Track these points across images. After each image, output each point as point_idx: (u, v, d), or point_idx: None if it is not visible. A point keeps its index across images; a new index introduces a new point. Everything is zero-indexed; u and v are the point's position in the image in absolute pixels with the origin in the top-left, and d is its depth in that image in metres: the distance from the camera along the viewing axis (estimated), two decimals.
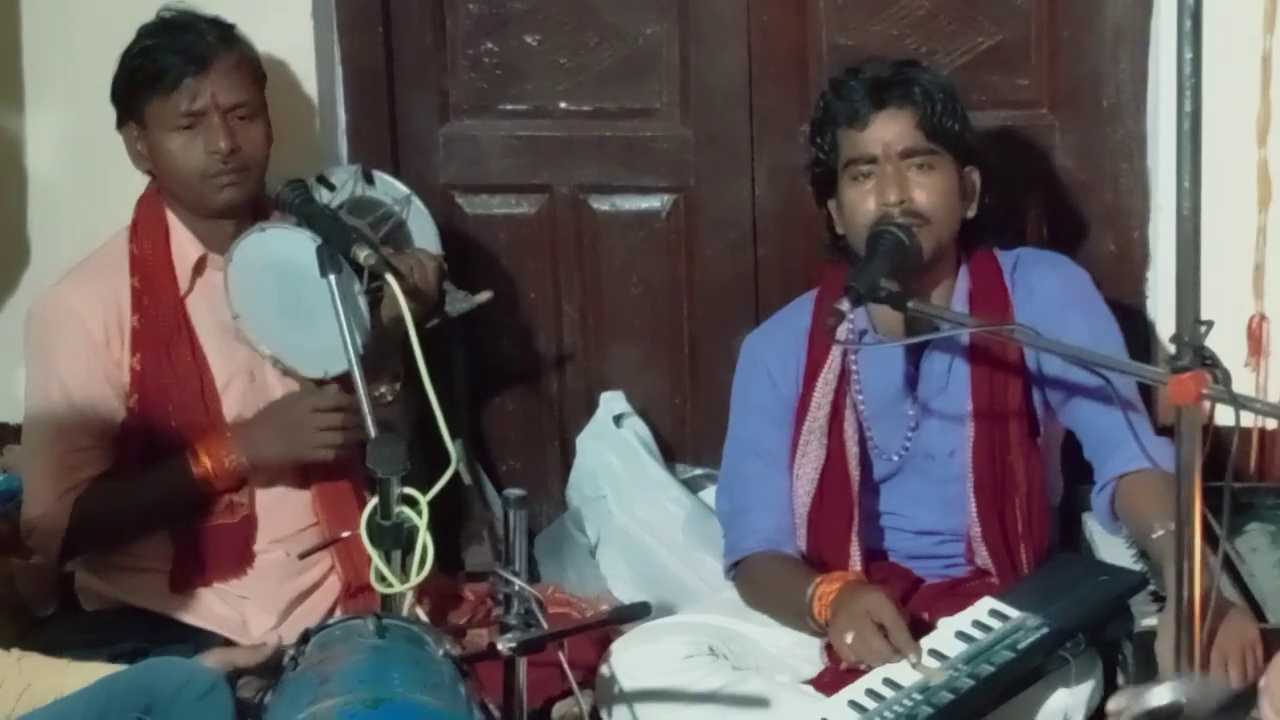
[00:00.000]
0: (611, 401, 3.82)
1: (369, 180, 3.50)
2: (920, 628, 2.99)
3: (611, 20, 3.83)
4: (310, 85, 3.78)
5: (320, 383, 3.31)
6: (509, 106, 3.89)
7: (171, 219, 3.36)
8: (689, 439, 3.89)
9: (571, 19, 3.84)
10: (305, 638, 2.69)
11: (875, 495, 3.28)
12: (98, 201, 3.65)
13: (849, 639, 2.96)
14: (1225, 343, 2.63)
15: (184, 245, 3.36)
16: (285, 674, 2.65)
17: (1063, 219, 3.72)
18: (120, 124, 3.35)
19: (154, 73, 3.28)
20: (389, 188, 3.52)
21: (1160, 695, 2.51)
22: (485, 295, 3.46)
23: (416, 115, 3.91)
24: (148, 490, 3.29)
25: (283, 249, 3.20)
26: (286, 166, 3.40)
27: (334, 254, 3.12)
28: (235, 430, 3.29)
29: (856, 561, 3.19)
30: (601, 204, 3.89)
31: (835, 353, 3.23)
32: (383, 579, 2.89)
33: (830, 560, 3.21)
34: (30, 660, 2.82)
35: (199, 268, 3.36)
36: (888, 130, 3.16)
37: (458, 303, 3.41)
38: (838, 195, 3.23)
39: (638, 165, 3.87)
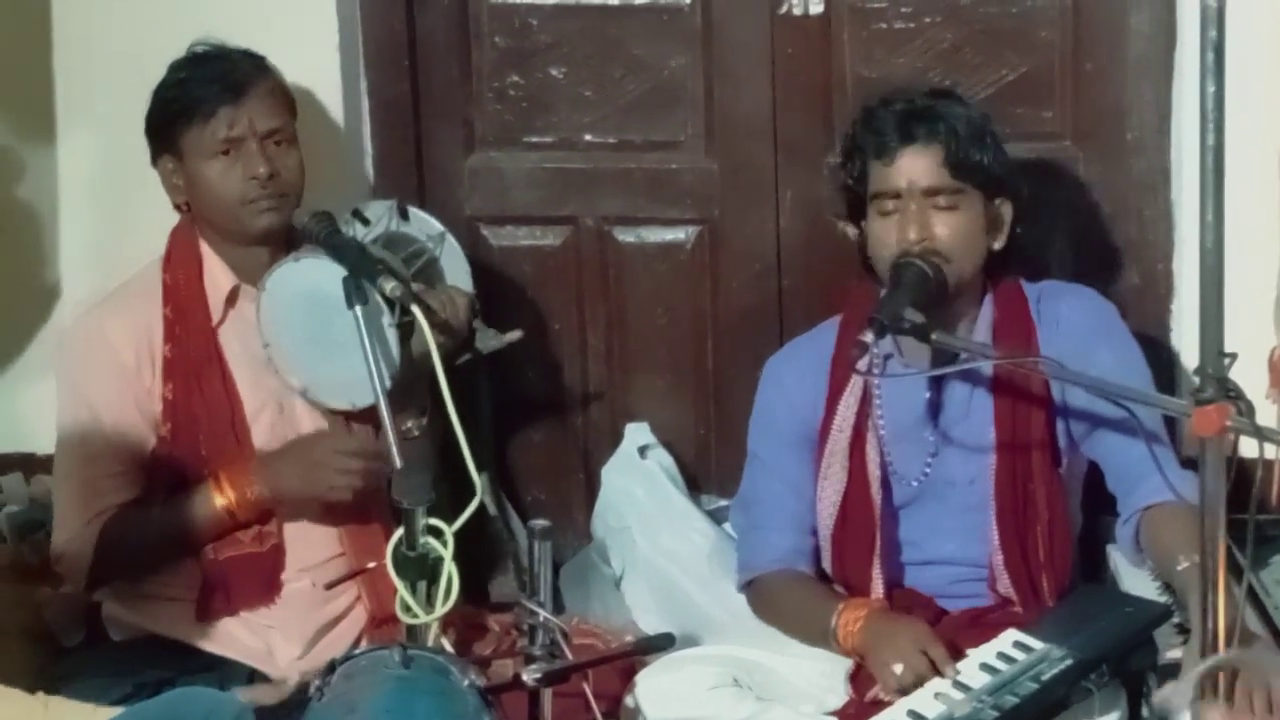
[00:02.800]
0: (636, 432, 3.83)
1: (404, 216, 3.51)
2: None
3: (636, 53, 3.84)
4: (337, 117, 3.80)
5: (348, 415, 3.32)
6: (534, 139, 3.91)
7: (205, 249, 3.39)
8: (713, 470, 3.89)
9: (597, 52, 3.86)
10: (331, 668, 2.70)
11: (896, 522, 3.28)
12: (129, 233, 3.68)
13: (899, 670, 2.97)
14: (1246, 375, 2.63)
15: (217, 275, 3.38)
16: (311, 704, 2.66)
17: (1087, 251, 3.73)
18: (155, 158, 3.38)
19: (190, 102, 3.31)
20: (423, 224, 3.53)
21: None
22: (516, 334, 3.47)
23: (442, 147, 3.93)
24: (173, 519, 3.31)
25: (315, 279, 3.21)
26: (313, 197, 3.42)
27: (359, 285, 3.14)
28: (258, 462, 3.30)
29: (879, 585, 3.20)
30: (626, 236, 3.91)
31: (858, 378, 3.23)
32: (408, 609, 2.90)
33: (854, 583, 3.22)
34: (57, 704, 2.82)
35: (232, 298, 3.38)
36: (913, 167, 3.17)
37: (488, 340, 3.42)
38: (862, 223, 3.25)
39: (663, 197, 3.88)
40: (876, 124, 3.20)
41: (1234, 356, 2.53)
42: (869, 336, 2.98)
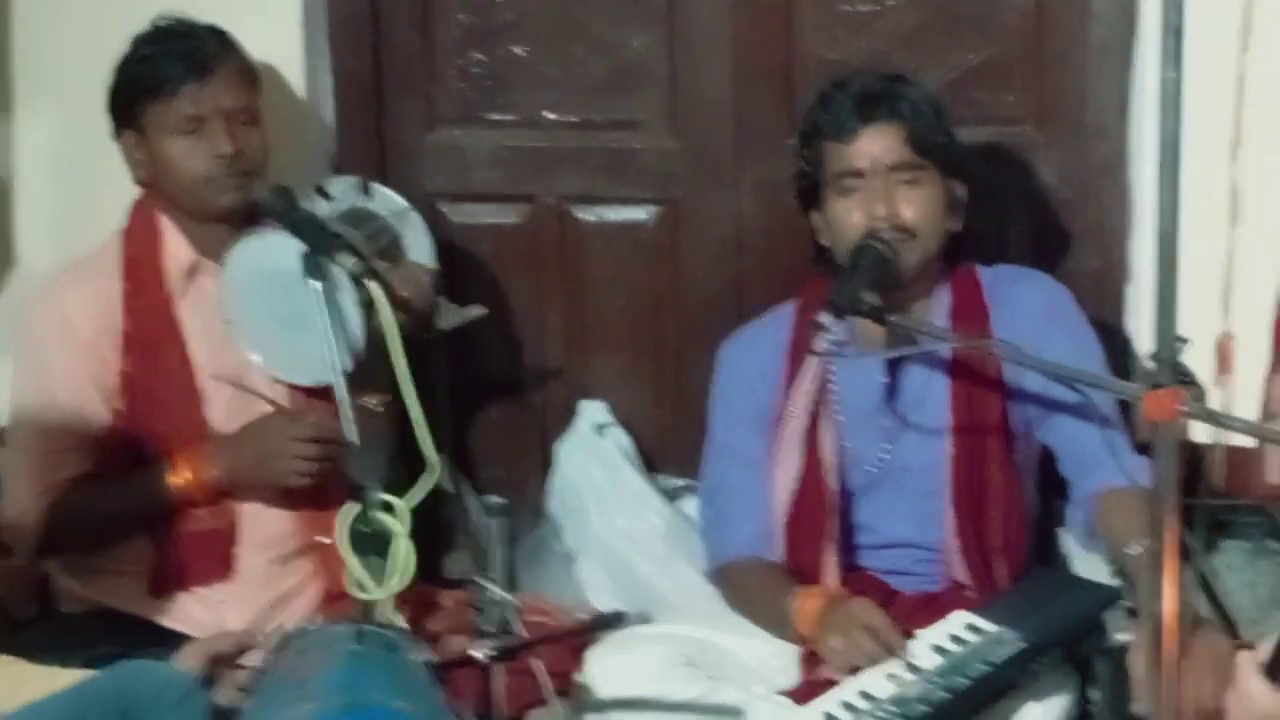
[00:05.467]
0: (593, 411, 3.83)
1: (367, 192, 3.51)
2: None
3: (599, 32, 3.84)
4: (299, 91, 3.79)
5: (309, 392, 3.31)
6: (496, 116, 3.90)
7: (165, 224, 3.37)
8: (671, 450, 3.89)
9: (560, 31, 3.85)
10: (283, 641, 2.70)
11: (851, 507, 3.29)
12: (88, 206, 3.66)
13: (837, 644, 2.98)
14: (1196, 361, 2.65)
15: (177, 250, 3.37)
16: (261, 678, 2.66)
17: (1045, 235, 3.73)
18: (117, 132, 3.37)
19: (155, 79, 3.30)
20: (387, 201, 3.52)
21: None
22: (478, 310, 3.47)
23: (404, 123, 3.92)
24: (126, 495, 3.30)
25: (276, 255, 3.20)
26: (275, 172, 3.41)
27: (318, 261, 3.13)
28: (215, 445, 3.29)
29: (833, 571, 3.21)
30: (587, 215, 3.91)
31: (814, 362, 3.24)
32: (361, 586, 2.90)
33: (806, 569, 3.22)
34: (16, 666, 2.82)
35: (191, 273, 3.36)
36: (875, 144, 3.18)
37: (450, 317, 3.42)
38: (823, 207, 3.25)
39: (623, 176, 3.88)
40: (834, 106, 3.21)
41: (1187, 341, 2.54)
42: (826, 318, 2.99)
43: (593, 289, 3.91)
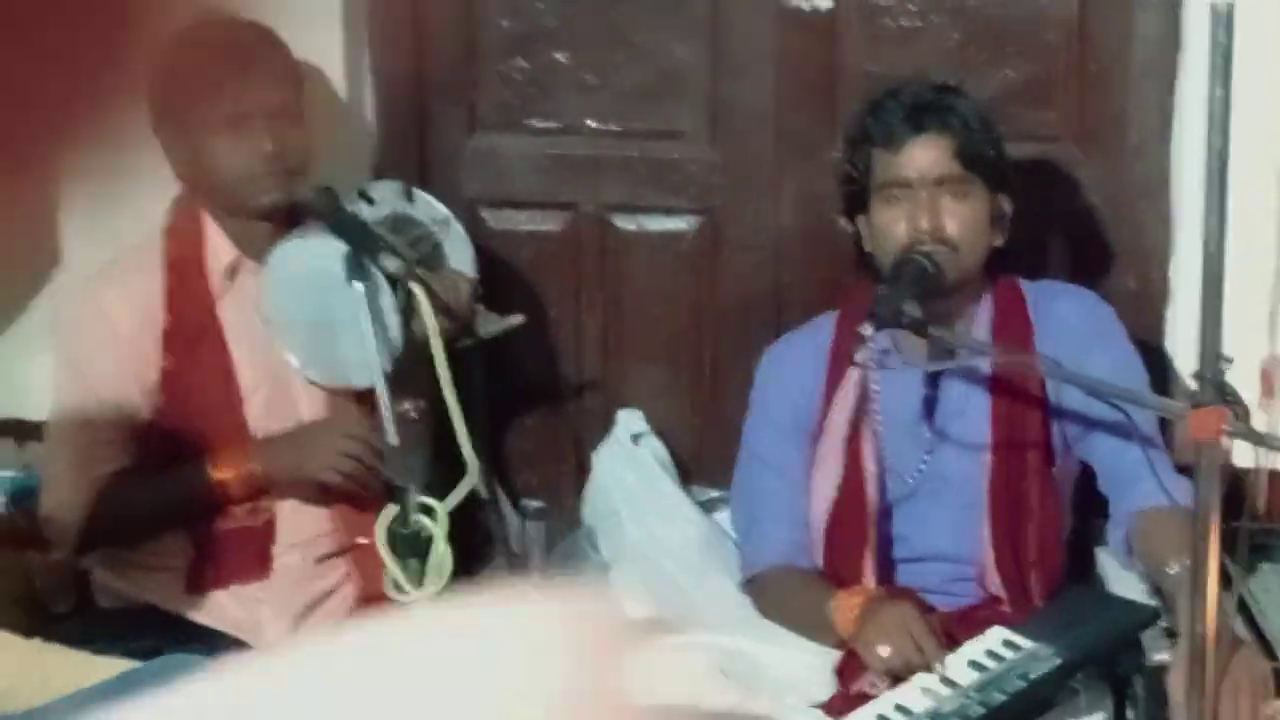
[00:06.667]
0: (629, 420, 3.83)
1: (409, 199, 3.51)
2: None
3: (641, 41, 3.84)
4: (340, 94, 3.79)
5: (347, 395, 3.31)
6: (537, 123, 3.91)
7: (207, 221, 3.37)
8: (706, 461, 3.88)
9: (602, 38, 3.85)
10: None
11: (889, 517, 3.29)
12: (130, 202, 3.66)
13: (882, 650, 2.97)
14: (1239, 384, 2.64)
15: (218, 248, 3.37)
16: None
17: (1084, 253, 3.73)
18: (157, 127, 3.37)
19: (197, 75, 3.29)
20: (429, 208, 3.51)
21: None
22: (518, 319, 3.47)
23: (445, 128, 3.92)
24: (165, 490, 3.31)
25: (318, 257, 3.21)
26: (316, 174, 3.41)
27: (362, 262, 3.13)
28: (256, 444, 3.30)
29: (870, 581, 3.20)
30: (627, 223, 3.91)
31: (856, 372, 3.24)
32: (398, 587, 2.91)
33: (846, 577, 3.22)
34: (52, 651, 2.83)
35: (232, 272, 3.37)
36: (924, 156, 3.18)
37: (489, 325, 3.42)
38: (869, 214, 3.25)
39: (664, 186, 3.88)
40: (885, 114, 3.21)
41: (1231, 360, 2.54)
42: (868, 329, 2.99)
43: (631, 297, 3.91)
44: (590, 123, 3.89)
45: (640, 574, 3.68)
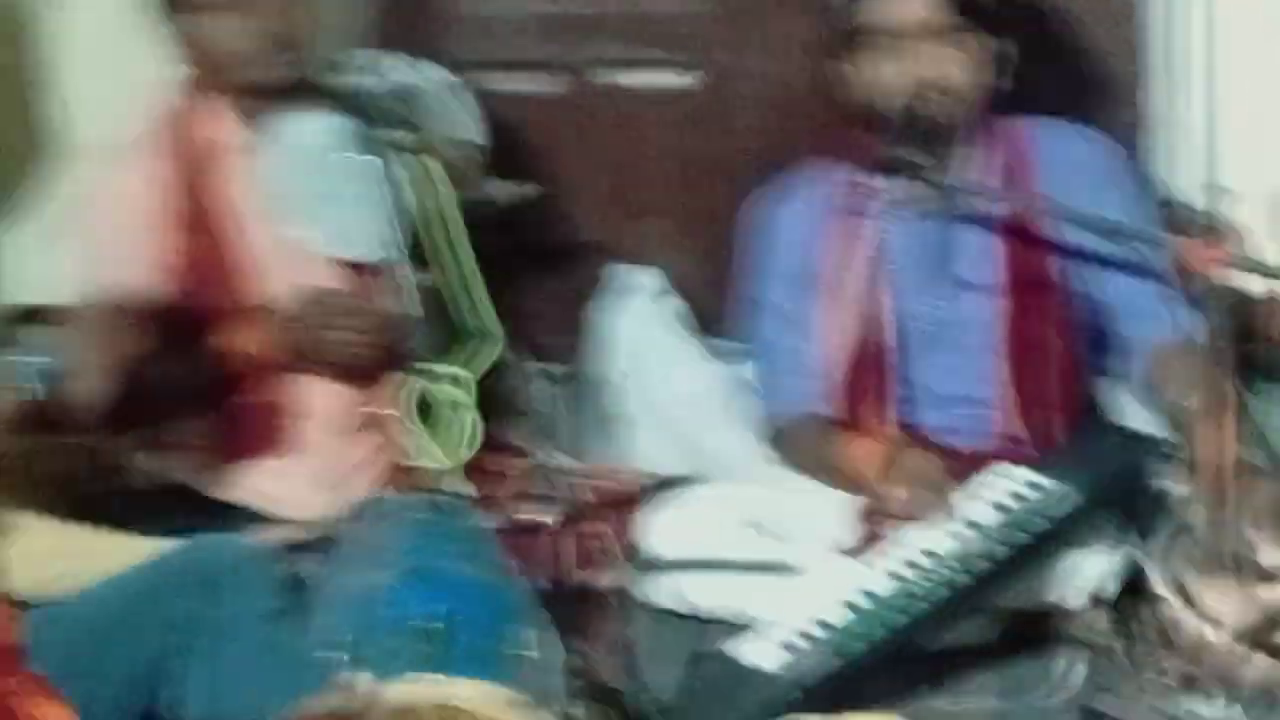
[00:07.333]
0: (647, 277, 3.85)
1: (414, 69, 3.51)
2: None
3: None
4: None
5: (357, 268, 3.34)
6: None
7: (214, 102, 3.38)
8: (723, 314, 3.91)
9: None
10: (356, 512, 2.75)
11: (906, 364, 3.31)
12: (135, 88, 3.66)
13: (904, 495, 3.01)
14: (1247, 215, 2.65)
15: (227, 128, 3.38)
16: (335, 547, 2.72)
17: (1074, 90, 3.72)
18: (159, 12, 3.37)
19: None
20: (434, 75, 3.52)
21: None
22: (532, 188, 3.49)
23: None
24: (185, 368, 3.34)
25: (327, 132, 3.22)
26: (318, 49, 3.41)
27: (372, 134, 3.14)
28: (271, 316, 3.32)
29: (891, 426, 3.24)
30: (630, 81, 3.91)
31: (865, 222, 3.26)
32: (429, 455, 2.94)
33: (865, 425, 3.26)
34: (91, 535, 2.87)
35: (241, 151, 3.38)
36: (917, 1, 3.17)
37: (503, 192, 3.43)
38: (855, 61, 3.24)
39: (665, 42, 3.87)
40: None
41: (1228, 190, 2.55)
42: (877, 179, 3.00)
43: (638, 155, 3.91)
44: None
45: (664, 429, 3.72)
